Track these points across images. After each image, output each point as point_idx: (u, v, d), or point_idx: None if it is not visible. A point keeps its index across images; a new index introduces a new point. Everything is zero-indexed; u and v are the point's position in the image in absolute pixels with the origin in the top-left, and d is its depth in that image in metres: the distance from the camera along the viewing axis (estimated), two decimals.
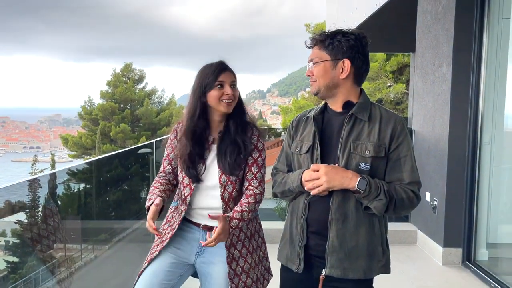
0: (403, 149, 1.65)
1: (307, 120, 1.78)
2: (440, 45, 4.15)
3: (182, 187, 1.97)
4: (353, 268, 1.65)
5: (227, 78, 1.91)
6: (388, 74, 17.41)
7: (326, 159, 1.67)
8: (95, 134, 30.94)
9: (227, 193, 1.91)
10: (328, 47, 1.66)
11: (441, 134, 4.10)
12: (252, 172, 1.94)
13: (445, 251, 4.01)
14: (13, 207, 2.57)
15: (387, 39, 7.92)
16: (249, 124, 1.98)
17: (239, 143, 1.90)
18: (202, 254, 1.95)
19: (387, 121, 1.66)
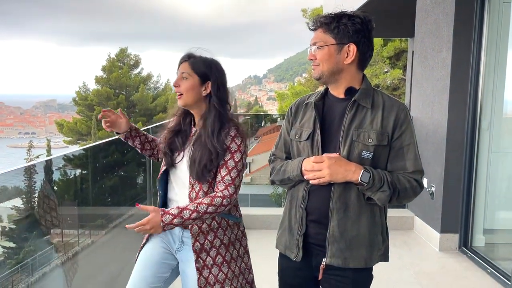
0: (406, 137, 1.61)
1: (307, 106, 1.73)
2: (440, 30, 4.11)
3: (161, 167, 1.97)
4: (354, 257, 1.63)
5: (180, 70, 1.84)
6: (385, 59, 17.33)
7: (327, 147, 1.63)
8: (90, 120, 30.78)
9: (194, 192, 1.81)
10: (333, 31, 1.59)
11: (439, 120, 4.08)
12: (220, 175, 1.79)
13: (442, 237, 4.03)
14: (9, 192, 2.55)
15: (384, 24, 7.85)
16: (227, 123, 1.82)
17: (211, 149, 1.76)
18: (181, 250, 1.89)
19: (390, 109, 1.61)
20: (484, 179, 3.93)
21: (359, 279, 1.68)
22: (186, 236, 1.86)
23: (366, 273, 1.70)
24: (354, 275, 1.65)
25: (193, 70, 1.81)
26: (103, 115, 1.94)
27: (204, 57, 1.85)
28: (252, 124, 12.47)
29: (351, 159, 1.58)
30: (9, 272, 2.50)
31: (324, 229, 1.64)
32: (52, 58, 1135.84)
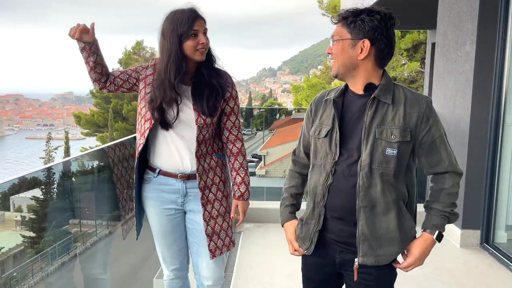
0: (436, 130, 1.60)
1: (327, 103, 1.70)
2: (463, 22, 4.01)
3: (143, 121, 1.95)
4: (387, 254, 1.62)
5: (200, 27, 1.88)
6: (402, 51, 17.07)
7: (345, 144, 1.61)
8: (107, 112, 31.10)
9: (201, 135, 1.90)
10: (350, 25, 1.57)
11: (462, 114, 4.00)
12: (230, 121, 1.98)
13: (463, 233, 3.97)
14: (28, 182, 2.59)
15: (403, 16, 7.68)
16: (221, 71, 1.98)
17: (215, 84, 1.91)
18: (187, 203, 2.00)
19: (413, 103, 1.58)
20: (508, 174, 3.85)
21: (383, 277, 1.66)
22: (190, 186, 1.97)
23: (390, 270, 1.68)
24: (378, 273, 1.63)
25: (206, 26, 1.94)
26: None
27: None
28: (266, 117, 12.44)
29: (375, 157, 1.56)
30: (29, 261, 2.54)
31: (349, 227, 1.62)
32: (69, 51, 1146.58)
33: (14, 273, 2.48)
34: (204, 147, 1.93)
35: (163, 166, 1.97)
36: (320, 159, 1.67)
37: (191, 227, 2.02)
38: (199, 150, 1.91)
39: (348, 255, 1.66)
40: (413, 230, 1.66)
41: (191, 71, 1.94)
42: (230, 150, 1.99)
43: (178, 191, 1.97)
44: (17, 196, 2.55)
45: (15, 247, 2.55)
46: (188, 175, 1.95)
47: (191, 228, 2.03)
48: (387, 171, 1.56)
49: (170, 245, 2.04)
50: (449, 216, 1.64)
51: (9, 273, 2.45)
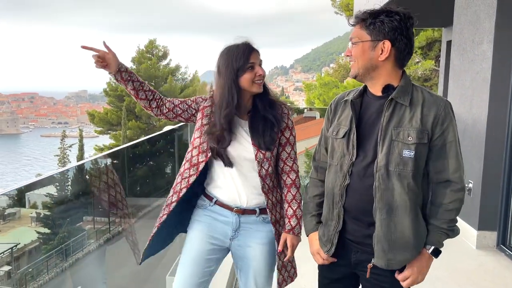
0: (448, 135, 1.56)
1: (345, 103, 1.70)
2: (480, 21, 3.95)
3: (197, 152, 1.92)
4: (398, 259, 1.58)
5: (256, 59, 1.88)
6: (416, 49, 16.88)
7: (363, 145, 1.60)
8: (120, 110, 31.34)
9: (263, 170, 1.88)
10: (369, 27, 1.55)
11: (478, 114, 3.94)
12: (286, 152, 1.95)
13: (479, 234, 3.91)
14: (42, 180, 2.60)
15: (417, 13, 7.59)
16: (276, 101, 1.97)
17: (270, 118, 1.90)
18: (237, 237, 1.95)
19: (430, 105, 1.55)
20: None
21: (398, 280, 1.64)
22: (243, 221, 1.94)
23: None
24: (392, 276, 1.62)
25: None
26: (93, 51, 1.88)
27: None
28: None
29: (391, 158, 1.54)
30: (45, 257, 2.57)
31: (364, 227, 1.61)
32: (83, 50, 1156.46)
33: (29, 268, 2.50)
34: (270, 181, 1.92)
35: (220, 197, 1.96)
36: (336, 159, 1.66)
37: (240, 261, 1.99)
38: (265, 185, 1.90)
39: (364, 256, 1.65)
40: (425, 236, 1.62)
41: (247, 105, 1.94)
42: (284, 181, 1.96)
43: (231, 224, 1.95)
44: (32, 192, 2.57)
45: (30, 243, 2.58)
46: (243, 209, 1.93)
47: (241, 263, 1.99)
48: (404, 173, 1.53)
49: (195, 274, 1.93)
50: (447, 232, 1.60)
51: (25, 268, 2.47)
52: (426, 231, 1.62)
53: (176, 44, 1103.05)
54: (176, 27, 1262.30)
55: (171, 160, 4.82)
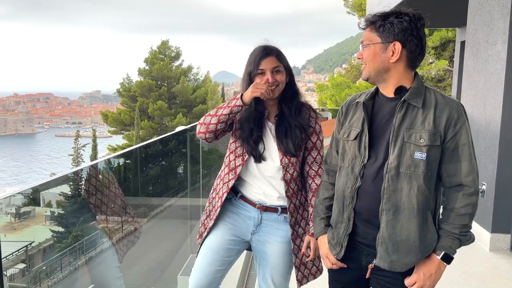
0: (461, 137, 1.54)
1: (357, 105, 1.69)
2: (494, 21, 3.90)
3: (234, 156, 1.97)
4: (401, 262, 1.57)
5: (268, 65, 1.88)
6: (430, 50, 16.70)
7: (375, 147, 1.60)
8: (133, 110, 31.59)
9: (288, 174, 1.91)
10: (379, 29, 1.55)
11: (492, 115, 3.89)
12: (312, 156, 1.96)
13: (493, 236, 3.86)
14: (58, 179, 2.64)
15: (431, 14, 7.51)
16: (304, 105, 1.97)
17: (297, 125, 1.90)
18: (258, 232, 2.00)
19: (443, 107, 1.53)
20: None
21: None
22: (265, 218, 1.98)
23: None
24: (403, 279, 1.60)
25: (283, 64, 1.92)
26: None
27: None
28: None
29: (403, 160, 1.52)
30: (58, 255, 2.60)
31: (373, 229, 1.60)
32: (97, 50, 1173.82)
33: (43, 266, 2.54)
34: (295, 184, 1.95)
35: (245, 192, 2.01)
36: (348, 161, 1.66)
37: (259, 255, 2.03)
38: (289, 189, 1.93)
39: (373, 258, 1.63)
40: (434, 243, 1.58)
41: (273, 109, 1.97)
42: (309, 185, 1.98)
43: (253, 219, 1.99)
44: (47, 191, 2.61)
45: (44, 241, 2.61)
46: (266, 207, 1.97)
47: (260, 258, 2.03)
48: (415, 175, 1.52)
49: (214, 261, 1.97)
50: (459, 238, 1.56)
51: (39, 266, 2.51)
52: (437, 236, 1.59)
53: (189, 45, 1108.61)
54: (190, 27, 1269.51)
55: (183, 160, 4.84)
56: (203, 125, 1.92)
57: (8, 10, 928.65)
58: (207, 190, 5.25)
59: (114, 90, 39.86)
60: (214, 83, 36.30)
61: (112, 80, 49.41)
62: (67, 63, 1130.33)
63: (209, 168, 5.09)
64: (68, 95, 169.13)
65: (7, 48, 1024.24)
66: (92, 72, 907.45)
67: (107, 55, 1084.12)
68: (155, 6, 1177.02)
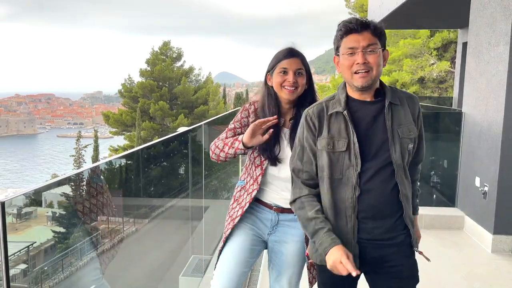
0: (422, 125, 1.73)
1: (332, 116, 1.65)
2: (497, 23, 3.90)
3: (254, 167, 2.00)
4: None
5: (291, 65, 1.90)
6: (431, 51, 16.68)
7: (368, 151, 1.62)
8: (134, 111, 31.61)
9: None
10: (379, 35, 1.62)
11: (494, 117, 3.88)
12: None
13: (495, 238, 3.85)
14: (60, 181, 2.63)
15: (432, 15, 7.53)
16: None
17: None
18: (274, 233, 2.02)
19: (410, 101, 1.70)
20: None
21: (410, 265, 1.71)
22: (282, 218, 2.00)
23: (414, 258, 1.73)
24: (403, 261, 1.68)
25: (304, 66, 1.95)
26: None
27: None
28: None
29: (404, 155, 1.64)
30: (60, 255, 2.60)
31: (381, 222, 1.64)
32: (99, 51, 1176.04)
33: (45, 267, 2.54)
34: None
35: (260, 196, 2.03)
36: (339, 173, 1.63)
37: (274, 256, 2.03)
38: None
39: (378, 251, 1.66)
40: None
41: (288, 112, 1.98)
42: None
43: (269, 221, 2.01)
44: (49, 192, 2.61)
45: (46, 242, 2.61)
46: (282, 208, 1.99)
47: (275, 259, 2.03)
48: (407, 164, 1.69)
49: (240, 262, 1.94)
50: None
51: (40, 267, 2.51)
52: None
53: (191, 46, 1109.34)
54: (192, 28, 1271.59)
55: (185, 161, 4.84)
56: (214, 154, 2.02)
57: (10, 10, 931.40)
58: (207, 191, 5.25)
59: (115, 91, 39.94)
60: (216, 84, 36.31)
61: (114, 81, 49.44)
62: (69, 63, 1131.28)
63: (210, 169, 5.08)
64: (69, 95, 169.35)
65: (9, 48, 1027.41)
66: (93, 72, 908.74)
67: (109, 56, 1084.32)
68: (156, 7, 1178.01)
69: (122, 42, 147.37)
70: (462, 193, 4.58)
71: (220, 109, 32.42)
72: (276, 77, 1.92)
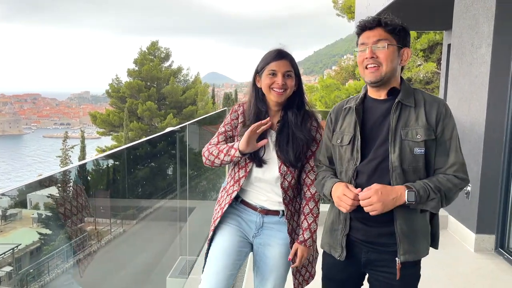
0: (448, 131, 1.64)
1: (346, 111, 1.76)
2: (479, 25, 3.97)
3: (237, 169, 1.98)
4: (423, 248, 1.69)
5: (280, 67, 1.88)
6: (418, 52, 16.86)
7: (369, 148, 1.66)
8: (122, 111, 31.39)
9: (286, 182, 1.92)
10: (396, 32, 1.64)
11: (477, 117, 3.95)
12: (309, 165, 1.96)
13: (477, 237, 3.92)
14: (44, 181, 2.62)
15: (418, 17, 7.62)
16: (308, 114, 1.97)
17: (301, 137, 1.89)
18: (259, 235, 2.00)
19: (432, 104, 1.64)
20: None
21: (407, 275, 1.69)
22: (267, 221, 1.98)
23: (414, 269, 1.73)
24: (402, 271, 1.66)
25: (293, 68, 1.92)
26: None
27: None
28: None
29: (404, 157, 1.61)
30: (45, 258, 2.58)
31: (378, 226, 1.66)
32: (86, 51, 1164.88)
33: (30, 269, 2.52)
34: (292, 192, 1.96)
35: (245, 197, 2.01)
36: (344, 165, 1.72)
37: (259, 259, 2.02)
38: (287, 196, 1.93)
39: (374, 255, 1.69)
40: (435, 221, 1.76)
41: (276, 114, 1.96)
42: (304, 193, 1.97)
43: (254, 223, 1.99)
44: (34, 193, 2.59)
45: (31, 244, 2.59)
46: (267, 210, 1.98)
47: (259, 261, 2.02)
48: (417, 169, 1.62)
49: (227, 266, 1.94)
50: (429, 190, 1.57)
51: (26, 269, 2.49)
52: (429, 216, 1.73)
53: (179, 46, 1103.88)
54: (180, 29, 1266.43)
55: (173, 161, 4.84)
56: (208, 160, 1.99)
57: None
58: (196, 192, 5.24)
59: (103, 91, 39.56)
60: (204, 84, 36.24)
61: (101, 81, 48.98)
62: (55, 63, 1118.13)
63: (199, 169, 5.08)
64: (56, 95, 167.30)
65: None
66: (80, 72, 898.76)
67: (96, 56, 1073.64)
68: (145, 7, 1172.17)
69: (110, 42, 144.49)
70: None
71: (209, 109, 32.36)
72: (265, 79, 1.90)
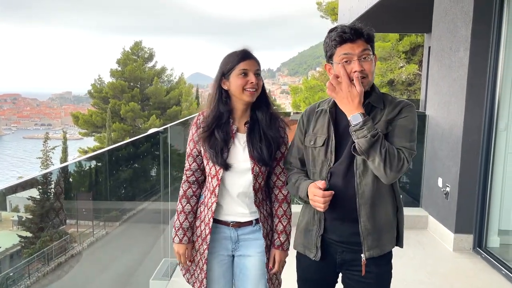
0: (405, 120, 1.64)
1: (319, 113, 1.78)
2: (458, 29, 4.06)
3: (210, 178, 1.92)
4: (388, 242, 1.72)
5: (251, 66, 1.84)
6: (400, 54, 17.11)
7: (342, 149, 1.68)
8: (105, 112, 31.03)
9: (257, 184, 1.89)
10: (370, 42, 1.65)
11: (456, 120, 4.04)
12: (280, 166, 1.95)
13: (456, 237, 4.01)
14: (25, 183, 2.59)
15: (400, 19, 7.73)
16: (275, 115, 1.95)
17: (272, 136, 1.88)
18: (238, 249, 1.97)
19: (397, 104, 1.68)
20: (500, 180, 3.90)
21: (382, 275, 1.74)
22: (241, 233, 1.95)
23: (388, 269, 1.76)
24: (378, 271, 1.70)
25: (260, 68, 1.90)
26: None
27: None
28: None
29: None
30: (26, 261, 2.55)
31: (350, 226, 1.68)
32: (68, 51, 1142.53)
33: (10, 273, 2.49)
34: (261, 194, 1.93)
35: (216, 214, 1.94)
36: (317, 166, 1.74)
37: (238, 272, 1.99)
38: (257, 198, 1.91)
39: (349, 255, 1.72)
40: (400, 215, 1.76)
41: (243, 115, 1.92)
42: (275, 195, 1.96)
43: (229, 238, 1.96)
44: (14, 196, 2.56)
45: (11, 247, 2.56)
46: (239, 223, 1.94)
47: (239, 274, 1.99)
48: None
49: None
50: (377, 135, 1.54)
51: (6, 273, 2.47)
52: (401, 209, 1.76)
53: (163, 47, 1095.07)
54: (164, 29, 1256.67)
55: (156, 163, 4.82)
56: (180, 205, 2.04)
57: None
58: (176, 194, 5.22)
59: (85, 91, 39.10)
60: (189, 85, 36.05)
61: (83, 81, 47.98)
62: (36, 62, 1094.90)
63: (183, 171, 5.07)
64: (37, 96, 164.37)
65: None
66: (62, 72, 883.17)
67: (78, 56, 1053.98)
68: (128, 6, 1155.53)
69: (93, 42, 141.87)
70: (426, 194, 4.73)
71: (193, 110, 32.20)
72: (236, 80, 1.83)
